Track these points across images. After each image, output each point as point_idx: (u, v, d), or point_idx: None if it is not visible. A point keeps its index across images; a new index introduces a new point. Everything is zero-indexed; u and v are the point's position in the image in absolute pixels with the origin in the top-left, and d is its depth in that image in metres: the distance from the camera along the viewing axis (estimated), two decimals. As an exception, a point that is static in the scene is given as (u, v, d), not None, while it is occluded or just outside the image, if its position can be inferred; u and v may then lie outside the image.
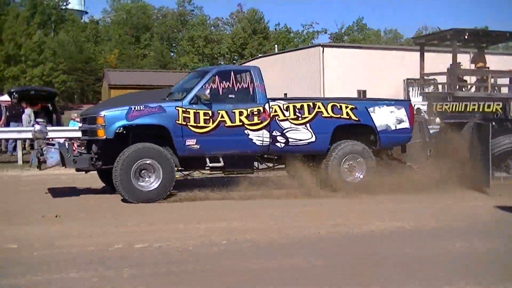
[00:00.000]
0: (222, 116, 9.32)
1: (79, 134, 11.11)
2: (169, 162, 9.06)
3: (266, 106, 9.55)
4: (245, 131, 9.44)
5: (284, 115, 9.61)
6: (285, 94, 24.58)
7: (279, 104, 9.66)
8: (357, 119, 9.92)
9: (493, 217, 7.57)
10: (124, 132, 9.16)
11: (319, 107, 9.78)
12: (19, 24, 44.96)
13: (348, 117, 9.87)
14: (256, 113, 9.48)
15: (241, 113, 9.41)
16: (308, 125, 9.68)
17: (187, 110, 9.21)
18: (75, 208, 8.20)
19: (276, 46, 47.36)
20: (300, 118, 9.66)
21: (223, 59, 57.43)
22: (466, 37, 18.41)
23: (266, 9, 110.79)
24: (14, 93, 19.43)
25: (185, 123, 9.19)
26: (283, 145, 9.61)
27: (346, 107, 9.89)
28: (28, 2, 55.05)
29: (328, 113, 9.78)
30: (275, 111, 9.57)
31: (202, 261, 5.27)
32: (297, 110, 9.67)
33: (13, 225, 6.94)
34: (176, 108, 9.20)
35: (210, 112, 9.29)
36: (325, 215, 7.64)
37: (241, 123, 9.41)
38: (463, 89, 18.43)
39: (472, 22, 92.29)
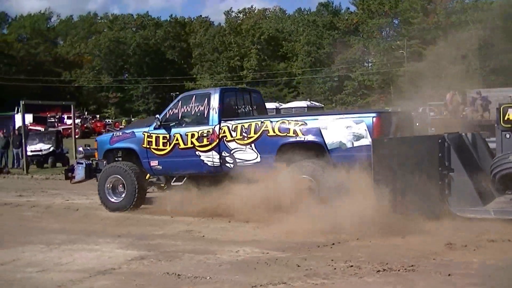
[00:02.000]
0: (177, 139, 10.71)
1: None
2: (131, 179, 10.96)
3: (216, 128, 10.36)
4: (196, 153, 10.54)
5: (232, 136, 10.22)
6: None
7: (228, 124, 10.28)
8: (303, 137, 9.60)
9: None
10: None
11: (266, 126, 9.89)
12: None
13: (294, 135, 9.67)
14: (206, 134, 10.45)
15: (192, 136, 10.56)
16: (253, 145, 9.96)
17: (151, 134, 11.03)
18: None
19: None
20: (245, 138, 10.04)
21: None
22: None
23: None
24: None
25: (148, 146, 11.07)
26: (232, 165, 10.22)
27: (295, 124, 9.65)
28: None
29: (274, 132, 9.80)
30: (224, 132, 10.28)
31: None
32: (244, 130, 10.10)
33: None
34: (143, 133, 11.15)
35: (168, 135, 10.83)
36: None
37: (192, 145, 10.58)
38: None
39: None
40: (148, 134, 11.05)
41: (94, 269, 6.78)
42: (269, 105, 39.90)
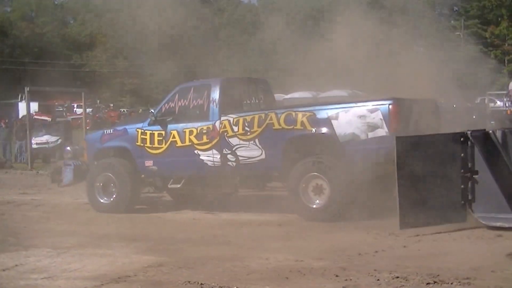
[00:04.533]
0: (173, 136, 10.98)
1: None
2: (123, 177, 11.29)
3: (217, 123, 10.56)
4: (195, 151, 10.77)
5: (233, 131, 10.43)
6: None
7: (229, 118, 10.47)
8: (312, 129, 9.75)
9: None
10: None
11: (270, 119, 10.11)
12: None
13: (302, 127, 9.87)
14: (205, 131, 10.69)
15: (191, 132, 10.80)
16: (257, 140, 10.20)
17: (145, 131, 11.29)
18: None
19: None
20: (248, 133, 10.27)
21: None
22: None
23: None
24: None
25: (143, 144, 11.28)
26: (235, 164, 10.40)
27: (303, 115, 9.80)
28: None
29: (279, 125, 10.04)
30: (225, 126, 10.49)
31: None
32: (246, 124, 10.32)
33: None
34: (137, 130, 11.41)
35: (163, 132, 11.07)
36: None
37: (190, 143, 10.82)
38: None
39: None
40: (142, 131, 11.38)
41: (107, 276, 6.87)
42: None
